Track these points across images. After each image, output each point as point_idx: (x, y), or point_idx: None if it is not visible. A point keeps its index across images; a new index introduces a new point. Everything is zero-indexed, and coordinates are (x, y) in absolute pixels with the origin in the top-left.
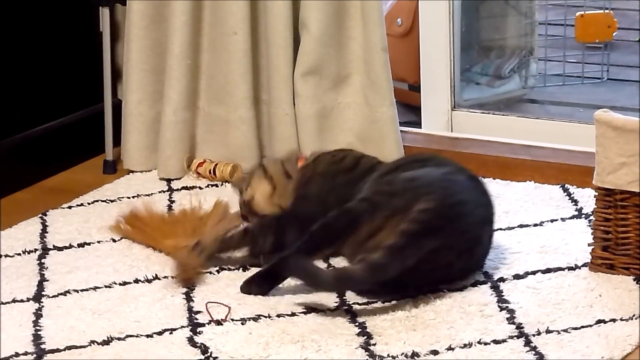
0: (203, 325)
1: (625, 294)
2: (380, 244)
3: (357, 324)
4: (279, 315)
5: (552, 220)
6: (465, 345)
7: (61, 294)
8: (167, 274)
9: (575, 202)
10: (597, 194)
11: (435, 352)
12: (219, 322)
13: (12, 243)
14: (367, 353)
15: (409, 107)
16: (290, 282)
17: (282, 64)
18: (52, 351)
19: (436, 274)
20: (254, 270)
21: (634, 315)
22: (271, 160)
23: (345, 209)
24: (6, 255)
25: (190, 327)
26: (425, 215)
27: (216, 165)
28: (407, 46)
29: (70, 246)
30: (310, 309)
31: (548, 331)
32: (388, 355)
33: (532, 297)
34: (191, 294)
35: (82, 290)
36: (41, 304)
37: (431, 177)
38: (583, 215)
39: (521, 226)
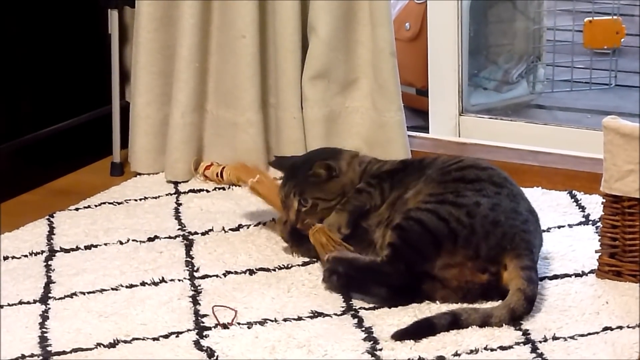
0: (209, 328)
1: (633, 301)
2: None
3: (363, 328)
4: (285, 320)
5: (559, 227)
6: (471, 351)
7: (68, 296)
8: (174, 277)
9: (582, 208)
10: (604, 200)
11: (441, 358)
12: (225, 326)
13: (19, 245)
14: (373, 358)
15: (417, 112)
16: (297, 285)
17: (290, 68)
18: (58, 353)
19: None
20: (261, 274)
21: None
22: None
23: (419, 221)
24: (13, 257)
25: (196, 331)
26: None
27: (223, 168)
28: (415, 51)
29: (77, 248)
30: (316, 313)
31: (554, 338)
32: None
33: (538, 304)
34: (197, 297)
35: (88, 293)
36: (47, 306)
37: (511, 228)
38: (590, 222)
39: None
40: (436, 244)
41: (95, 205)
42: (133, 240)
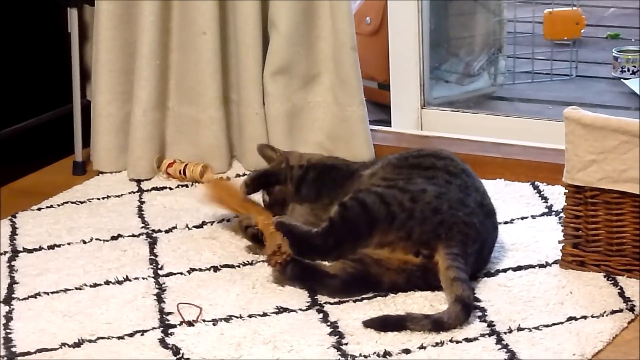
0: (174, 326)
1: (596, 291)
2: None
3: (329, 323)
4: (250, 316)
5: (522, 218)
6: (437, 344)
7: (31, 296)
8: (138, 275)
9: (545, 199)
10: (567, 191)
11: (407, 351)
12: (190, 323)
13: None
14: (339, 352)
15: (379, 106)
16: (262, 281)
17: (252, 64)
18: (23, 354)
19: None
20: (225, 271)
21: (604, 312)
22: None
23: (362, 202)
24: None
25: (161, 329)
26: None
27: (186, 165)
28: (376, 45)
29: (40, 248)
30: (282, 309)
31: (519, 329)
32: (360, 355)
33: (503, 295)
34: (162, 295)
35: (52, 293)
36: (11, 306)
37: (451, 217)
38: (553, 213)
39: None
40: (370, 226)
41: (58, 205)
42: (96, 239)
